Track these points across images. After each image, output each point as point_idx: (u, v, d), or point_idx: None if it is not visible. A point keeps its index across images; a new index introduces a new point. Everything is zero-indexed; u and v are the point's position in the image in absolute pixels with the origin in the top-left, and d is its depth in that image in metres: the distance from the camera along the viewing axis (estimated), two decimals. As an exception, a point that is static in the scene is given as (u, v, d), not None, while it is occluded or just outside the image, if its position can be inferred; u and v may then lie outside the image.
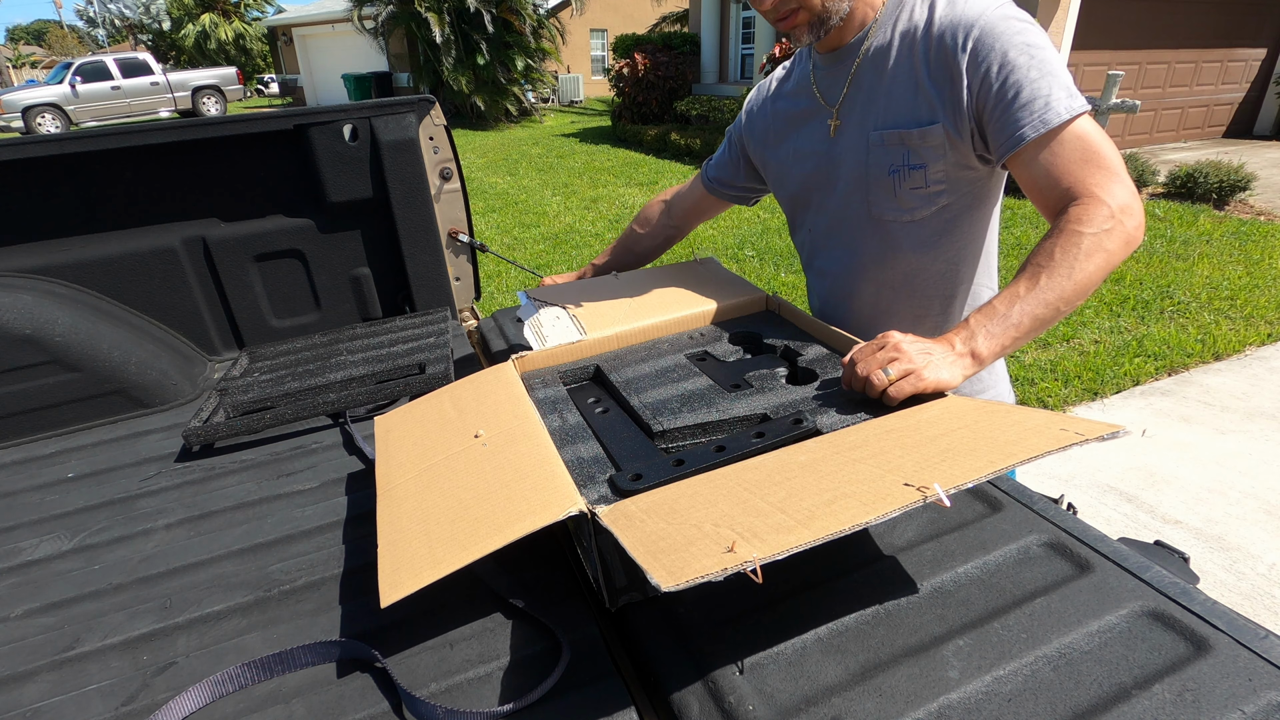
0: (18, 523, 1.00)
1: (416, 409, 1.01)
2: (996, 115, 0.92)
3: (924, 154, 1.00)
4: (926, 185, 1.02)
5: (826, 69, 1.10)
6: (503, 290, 4.68)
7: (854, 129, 1.07)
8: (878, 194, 1.07)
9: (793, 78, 1.20)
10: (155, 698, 0.68)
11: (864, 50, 1.03)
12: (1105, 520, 2.36)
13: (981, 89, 0.93)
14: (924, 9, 0.98)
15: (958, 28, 0.93)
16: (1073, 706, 0.57)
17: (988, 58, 0.91)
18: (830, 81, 1.10)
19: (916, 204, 1.05)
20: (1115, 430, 0.61)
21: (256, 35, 26.92)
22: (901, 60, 1.00)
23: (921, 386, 0.81)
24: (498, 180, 8.69)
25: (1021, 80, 0.90)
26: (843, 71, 1.07)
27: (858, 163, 1.07)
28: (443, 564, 0.65)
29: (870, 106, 1.04)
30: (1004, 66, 0.90)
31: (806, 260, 1.28)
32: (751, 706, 0.59)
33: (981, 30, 0.91)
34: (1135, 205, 0.89)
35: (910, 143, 1.00)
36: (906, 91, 0.99)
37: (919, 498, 0.55)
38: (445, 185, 1.67)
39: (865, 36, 1.03)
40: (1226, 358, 3.44)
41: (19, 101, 14.82)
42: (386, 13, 13.89)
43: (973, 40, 0.92)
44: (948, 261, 1.09)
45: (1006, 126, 0.92)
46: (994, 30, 0.91)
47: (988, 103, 0.93)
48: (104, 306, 1.41)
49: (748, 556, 0.50)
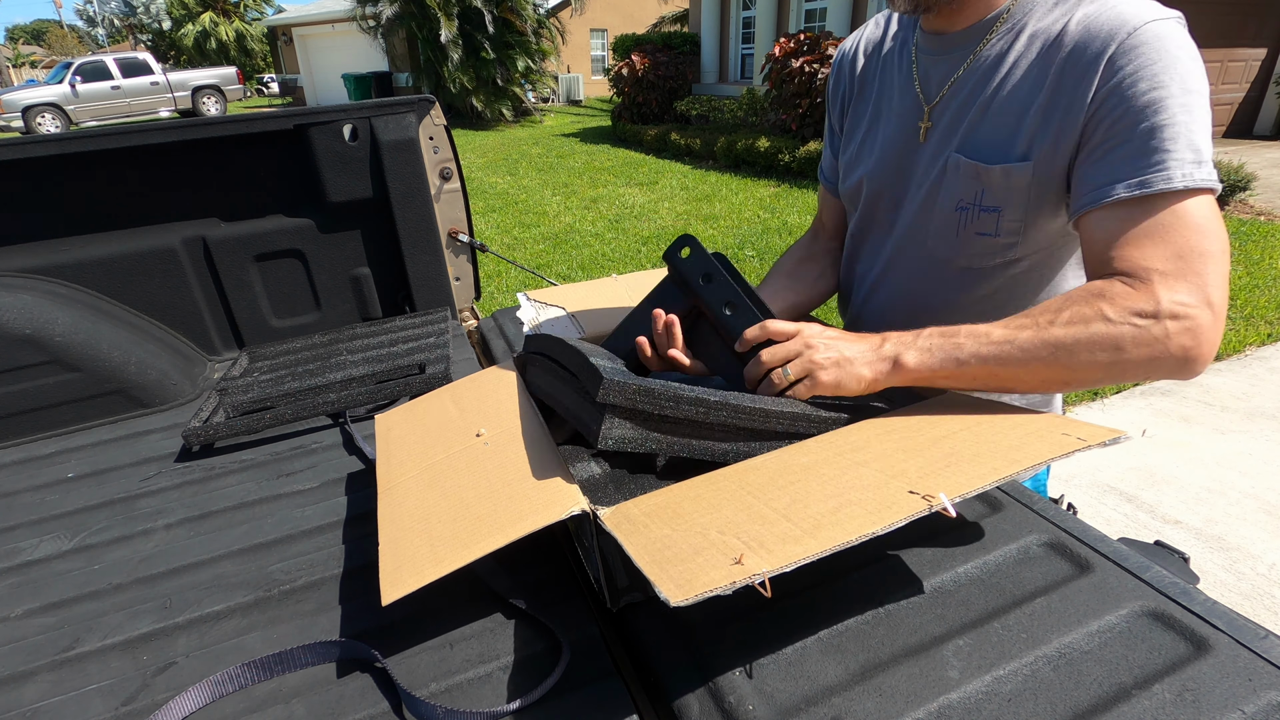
0: (18, 523, 1.00)
1: (417, 408, 1.01)
2: (1094, 157, 0.74)
3: (1001, 196, 0.82)
4: (997, 234, 0.85)
5: (931, 54, 0.89)
6: (503, 290, 4.68)
7: (938, 141, 0.89)
8: (939, 227, 0.90)
9: (896, 39, 0.97)
10: (155, 698, 0.67)
11: (981, 51, 0.83)
12: (1105, 520, 2.36)
13: (1095, 117, 0.74)
14: (1067, 3, 0.78)
15: (1100, 34, 0.73)
16: (1073, 706, 0.57)
17: (1120, 81, 0.71)
18: (933, 71, 0.89)
19: (980, 252, 0.88)
20: (1118, 436, 0.61)
21: (257, 35, 26.92)
22: (1020, 69, 0.80)
23: (816, 391, 0.74)
24: (498, 180, 8.69)
25: (1147, 123, 0.70)
26: (950, 65, 0.87)
27: (930, 181, 0.90)
28: (444, 562, 0.65)
29: (961, 119, 0.86)
30: (1133, 98, 0.70)
31: (860, 303, 1.06)
32: (751, 706, 0.59)
33: (1129, 44, 0.71)
34: (1200, 321, 0.67)
35: (986, 180, 0.83)
36: (1009, 114, 0.81)
37: (925, 507, 0.55)
38: (445, 185, 1.67)
39: (987, 32, 0.82)
40: (1226, 358, 3.44)
41: (19, 101, 14.84)
42: (390, 12, 13.91)
43: (1111, 53, 0.72)
44: None
45: (1098, 174, 0.73)
46: (1143, 49, 0.70)
47: (1093, 137, 0.74)
48: (104, 306, 1.41)
49: (756, 569, 0.50)
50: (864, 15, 10.12)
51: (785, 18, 11.39)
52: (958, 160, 0.85)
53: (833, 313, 4.09)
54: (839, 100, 1.06)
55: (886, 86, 0.97)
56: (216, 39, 25.89)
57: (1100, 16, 0.74)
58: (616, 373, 0.70)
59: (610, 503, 0.69)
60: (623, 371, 0.73)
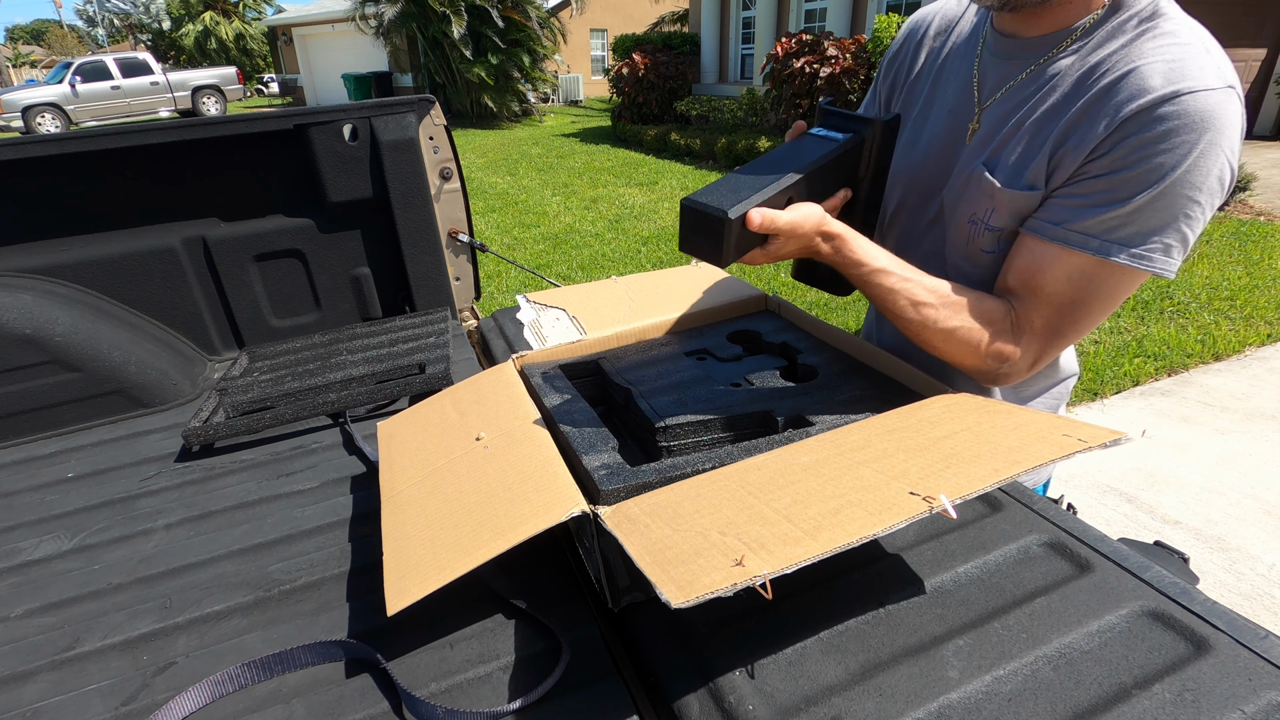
0: (18, 523, 1.00)
1: (418, 413, 1.01)
2: (1075, 193, 0.74)
3: (1005, 219, 0.82)
4: (995, 252, 0.85)
5: (996, 54, 0.86)
6: (503, 290, 4.68)
7: (976, 146, 0.86)
8: (953, 233, 0.90)
9: (970, 26, 0.93)
10: (155, 698, 0.68)
11: (1041, 65, 0.80)
12: (1105, 520, 2.36)
13: (1099, 158, 0.72)
14: (1132, 35, 0.73)
15: (1143, 86, 0.69)
16: (1073, 706, 0.57)
17: (1141, 141, 0.68)
18: (992, 72, 0.86)
19: (982, 266, 0.88)
20: (1118, 437, 0.61)
21: (257, 35, 26.93)
22: (1056, 95, 0.77)
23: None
24: (498, 180, 8.69)
25: (1141, 198, 0.69)
26: (1008, 71, 0.84)
27: (957, 187, 0.88)
28: (447, 570, 0.65)
29: (997, 131, 0.83)
30: (1144, 164, 0.68)
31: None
32: (751, 706, 0.59)
33: (1169, 110, 0.67)
34: (1023, 374, 0.83)
35: (996, 199, 0.81)
36: (1032, 140, 0.78)
37: (925, 508, 0.55)
38: (445, 185, 1.67)
39: (1055, 46, 0.79)
40: (1226, 358, 3.44)
41: (19, 101, 14.83)
42: (391, 13, 13.92)
43: (1145, 104, 0.68)
44: None
45: (1065, 211, 0.75)
46: (1183, 119, 0.66)
47: (1085, 171, 0.73)
48: (104, 306, 1.41)
49: (757, 571, 0.50)
50: (864, 15, 10.11)
51: (785, 18, 11.39)
52: (981, 173, 0.83)
53: (837, 310, 4.07)
54: (892, 74, 1.03)
55: (948, 75, 0.93)
56: (217, 39, 25.90)
57: (1148, 66, 0.69)
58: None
59: (614, 471, 0.70)
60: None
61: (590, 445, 0.79)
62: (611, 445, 0.79)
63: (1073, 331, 0.80)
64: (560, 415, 0.87)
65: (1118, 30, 0.74)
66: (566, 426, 0.83)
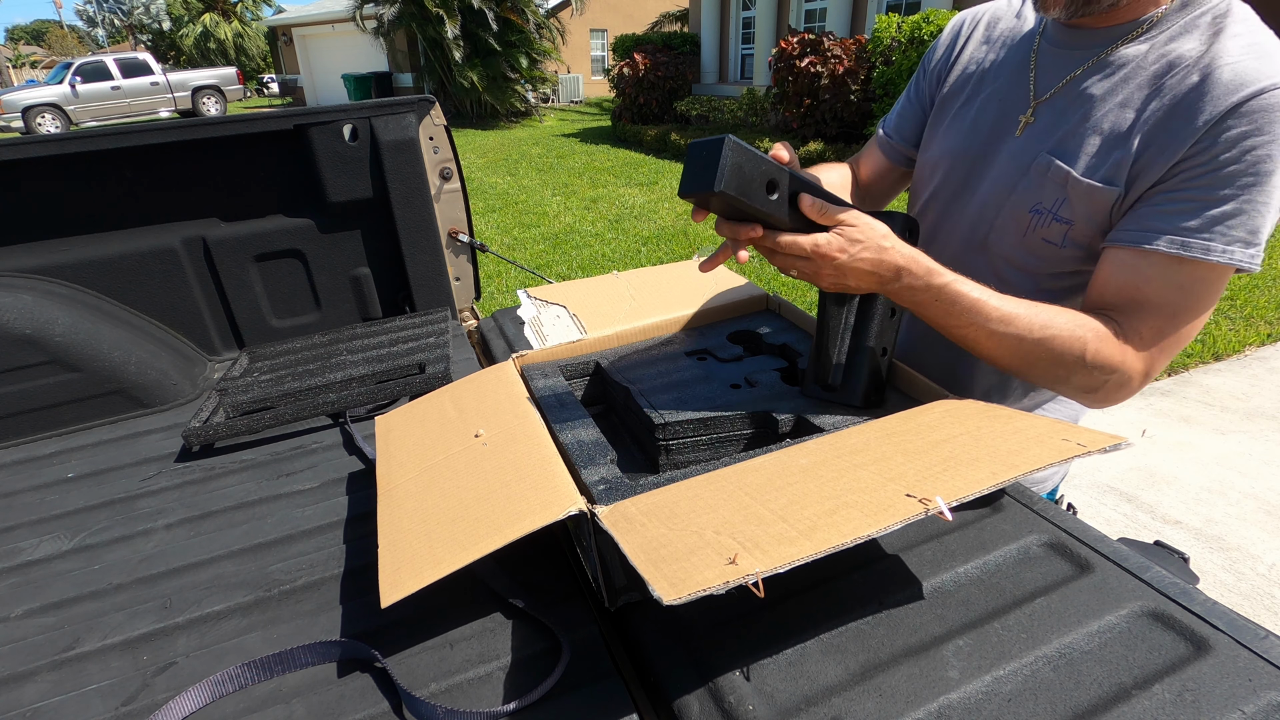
0: (18, 523, 1.00)
1: (417, 409, 1.01)
2: (1161, 200, 0.74)
3: (1079, 210, 0.81)
4: (1062, 245, 0.84)
5: (1056, 48, 0.86)
6: (503, 290, 4.68)
7: (1032, 137, 0.85)
8: (1004, 223, 0.88)
9: (1024, 21, 0.93)
10: (155, 698, 0.68)
11: (1106, 56, 0.80)
12: (1105, 520, 2.36)
13: (1184, 164, 0.72)
14: (1209, 32, 0.73)
15: (1228, 83, 0.69)
16: (1073, 706, 0.57)
17: (1226, 141, 0.69)
18: (1053, 64, 0.85)
19: (1041, 258, 0.87)
20: (1118, 442, 0.61)
21: (257, 35, 26.94)
22: (1137, 89, 0.76)
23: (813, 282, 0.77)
24: (498, 180, 8.69)
25: (1228, 195, 0.70)
26: (1070, 63, 0.83)
27: (1010, 176, 0.87)
28: (443, 564, 0.65)
29: (1064, 120, 0.82)
30: (1228, 163, 0.69)
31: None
32: (751, 706, 0.59)
33: (1254, 106, 0.68)
34: (1131, 388, 0.79)
35: (1072, 189, 0.80)
36: (1112, 129, 0.78)
37: (921, 510, 0.55)
38: (445, 185, 1.67)
39: (1122, 37, 0.79)
40: (1226, 358, 3.44)
41: (19, 101, 14.83)
42: (391, 13, 13.92)
43: (1231, 106, 0.69)
44: None
45: (1153, 218, 0.74)
46: (1266, 115, 0.67)
47: (1170, 180, 0.73)
48: (104, 306, 1.41)
49: (750, 569, 0.50)
50: (864, 15, 10.11)
51: (785, 18, 11.39)
52: (1049, 162, 0.82)
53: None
54: (935, 69, 1.02)
55: (998, 66, 0.93)
56: (216, 39, 25.91)
57: (1237, 63, 0.70)
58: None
59: (613, 486, 0.69)
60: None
61: (589, 458, 0.79)
62: (610, 458, 0.79)
63: (1183, 337, 0.78)
64: (558, 422, 0.86)
65: (1191, 25, 0.75)
66: (564, 436, 0.83)
